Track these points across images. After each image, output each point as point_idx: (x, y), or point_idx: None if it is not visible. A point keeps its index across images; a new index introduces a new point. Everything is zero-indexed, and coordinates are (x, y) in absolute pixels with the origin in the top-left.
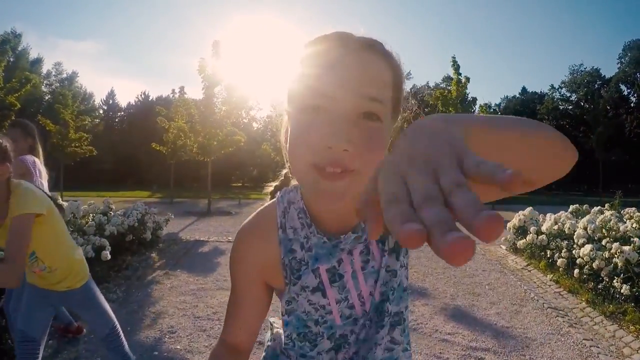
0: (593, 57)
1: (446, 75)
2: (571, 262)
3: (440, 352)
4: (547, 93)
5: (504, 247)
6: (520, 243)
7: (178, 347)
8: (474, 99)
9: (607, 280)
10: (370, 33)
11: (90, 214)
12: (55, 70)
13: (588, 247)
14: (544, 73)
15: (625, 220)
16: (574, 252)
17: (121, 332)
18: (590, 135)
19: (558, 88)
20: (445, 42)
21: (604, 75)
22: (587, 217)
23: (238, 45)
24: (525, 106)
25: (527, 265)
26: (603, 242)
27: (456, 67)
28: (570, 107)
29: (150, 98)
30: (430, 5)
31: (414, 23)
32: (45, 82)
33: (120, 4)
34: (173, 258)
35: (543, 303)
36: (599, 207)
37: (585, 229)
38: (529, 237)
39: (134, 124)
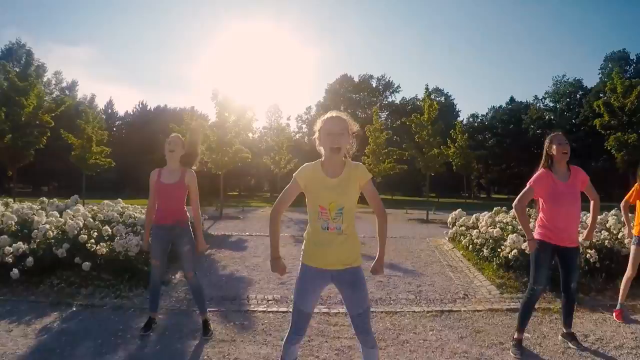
0: (576, 69)
1: (435, 87)
2: (471, 242)
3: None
4: (532, 103)
5: (446, 238)
6: (450, 232)
7: (241, 279)
8: (458, 112)
9: (484, 250)
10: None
11: None
12: (55, 79)
13: (475, 231)
14: (531, 84)
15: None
16: (473, 236)
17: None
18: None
19: (542, 98)
20: (436, 55)
21: (586, 86)
22: (489, 213)
23: (232, 53)
24: (512, 115)
25: (453, 247)
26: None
27: (428, 93)
28: (553, 116)
29: (148, 107)
30: (422, 20)
31: (404, 35)
32: (45, 90)
33: (114, 10)
34: (215, 244)
35: (445, 264)
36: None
37: (486, 221)
38: (454, 229)
39: (132, 134)
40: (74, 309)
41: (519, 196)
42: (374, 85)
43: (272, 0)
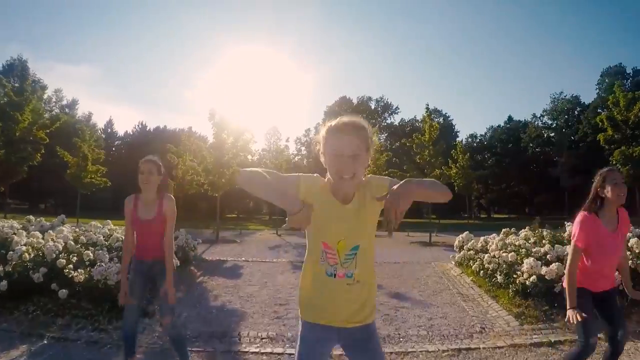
0: (573, 85)
1: (433, 107)
2: (482, 267)
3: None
4: (530, 121)
5: (452, 263)
6: (457, 257)
7: (233, 312)
8: (456, 133)
9: (497, 276)
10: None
11: None
12: (56, 97)
13: (486, 256)
14: (528, 102)
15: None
16: (484, 260)
17: None
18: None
19: (540, 116)
20: (433, 76)
21: (584, 102)
22: (500, 236)
23: (232, 76)
24: (510, 135)
25: (461, 273)
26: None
27: (429, 112)
28: (552, 134)
29: (148, 128)
30: (419, 42)
31: (402, 56)
32: (45, 107)
33: (116, 31)
34: (208, 270)
35: (455, 292)
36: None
37: (496, 244)
38: (461, 253)
39: (132, 154)
40: (46, 341)
41: (569, 261)
42: (372, 107)
43: (270, 24)
